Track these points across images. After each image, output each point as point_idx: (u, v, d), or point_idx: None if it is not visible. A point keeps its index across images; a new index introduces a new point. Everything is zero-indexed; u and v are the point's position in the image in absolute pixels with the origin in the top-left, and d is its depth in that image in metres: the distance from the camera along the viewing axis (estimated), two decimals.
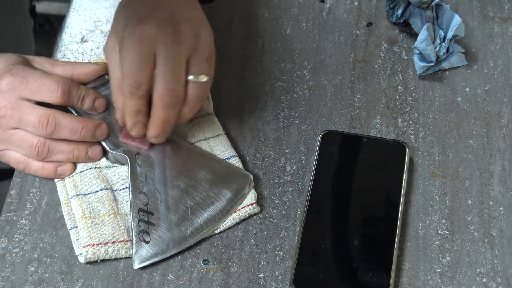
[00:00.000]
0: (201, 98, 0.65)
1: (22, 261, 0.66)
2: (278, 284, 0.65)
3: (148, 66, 0.62)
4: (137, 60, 0.61)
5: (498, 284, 0.64)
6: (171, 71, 0.62)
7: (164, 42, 0.61)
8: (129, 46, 0.62)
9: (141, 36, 0.61)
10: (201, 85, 0.63)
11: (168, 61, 0.62)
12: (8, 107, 0.65)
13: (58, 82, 0.66)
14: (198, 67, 0.63)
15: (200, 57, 0.63)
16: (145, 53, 0.61)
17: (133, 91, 0.62)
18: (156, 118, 0.64)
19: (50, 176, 0.69)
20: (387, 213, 0.67)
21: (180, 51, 0.62)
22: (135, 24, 0.62)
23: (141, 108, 0.64)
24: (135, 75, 0.62)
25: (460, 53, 0.78)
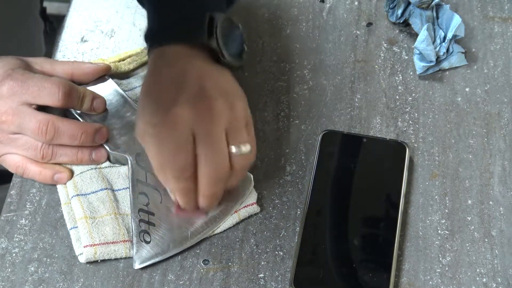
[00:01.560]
0: (246, 166, 0.63)
1: (22, 261, 0.66)
2: (278, 284, 0.65)
3: (188, 150, 0.59)
4: (176, 146, 0.59)
5: (498, 284, 0.64)
6: (212, 149, 0.60)
7: (199, 122, 0.59)
8: (165, 132, 0.60)
9: (175, 120, 0.59)
10: (243, 156, 0.61)
11: (207, 140, 0.59)
12: (9, 112, 0.66)
13: (58, 84, 0.66)
14: (238, 138, 0.61)
15: (237, 127, 0.61)
16: (182, 137, 0.59)
17: (178, 176, 0.60)
18: (204, 193, 0.61)
19: (47, 182, 0.69)
20: (387, 213, 0.67)
21: (217, 127, 0.60)
22: (166, 109, 0.60)
23: (189, 189, 0.61)
24: (177, 161, 0.60)
25: (460, 53, 0.78)
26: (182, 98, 0.60)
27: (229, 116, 0.61)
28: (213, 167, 0.60)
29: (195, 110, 0.60)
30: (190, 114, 0.60)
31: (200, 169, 0.60)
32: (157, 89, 0.63)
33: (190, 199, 0.62)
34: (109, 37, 0.81)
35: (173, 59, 0.64)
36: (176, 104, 0.60)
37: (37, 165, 0.68)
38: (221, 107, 0.60)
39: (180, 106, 0.60)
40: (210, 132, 0.60)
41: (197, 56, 0.65)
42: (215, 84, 0.62)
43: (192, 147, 0.60)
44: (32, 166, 0.68)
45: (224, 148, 0.60)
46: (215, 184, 0.61)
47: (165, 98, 0.61)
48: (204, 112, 0.60)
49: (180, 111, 0.60)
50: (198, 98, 0.60)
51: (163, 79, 0.63)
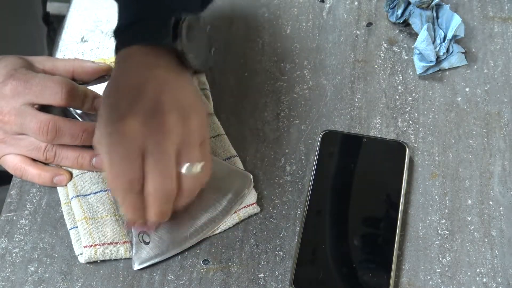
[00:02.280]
0: (196, 188, 0.61)
1: (22, 261, 0.66)
2: (278, 284, 0.65)
3: (137, 164, 0.57)
4: (124, 158, 0.57)
5: (498, 284, 0.64)
6: (159, 167, 0.57)
7: (149, 137, 0.57)
8: (114, 144, 0.58)
9: (125, 132, 0.57)
10: (194, 177, 0.59)
11: (155, 156, 0.57)
12: (12, 113, 0.66)
13: (61, 84, 0.66)
14: (189, 156, 0.59)
15: (190, 145, 0.59)
16: (131, 151, 0.57)
17: (126, 190, 0.58)
18: (152, 212, 0.59)
19: (46, 184, 0.69)
20: (387, 213, 0.67)
21: (167, 144, 0.58)
22: (117, 120, 0.58)
23: (137, 205, 0.59)
24: (124, 175, 0.57)
25: (460, 53, 0.78)
26: (135, 111, 0.58)
27: (182, 133, 0.58)
28: (159, 186, 0.58)
29: (146, 124, 0.57)
30: (141, 128, 0.57)
31: (146, 186, 0.58)
32: (114, 96, 0.61)
33: (136, 214, 0.59)
34: (109, 37, 0.81)
35: (134, 65, 0.62)
36: (128, 116, 0.58)
37: (36, 167, 0.68)
38: (174, 123, 0.58)
39: (131, 119, 0.57)
40: (159, 149, 0.57)
41: (161, 62, 0.62)
42: (173, 98, 0.60)
43: (140, 162, 0.57)
44: (31, 169, 0.68)
45: (172, 166, 0.58)
46: (161, 203, 0.59)
47: (120, 108, 0.59)
48: (155, 127, 0.58)
49: (131, 124, 0.57)
50: (151, 112, 0.58)
51: (121, 87, 0.61)
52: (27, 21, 0.97)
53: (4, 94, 0.66)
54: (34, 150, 0.68)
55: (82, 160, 0.68)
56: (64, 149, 0.68)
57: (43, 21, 1.01)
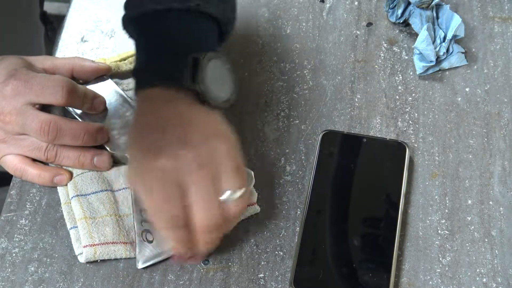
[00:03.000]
0: (240, 212, 0.60)
1: (22, 261, 0.66)
2: (278, 284, 0.65)
3: (177, 198, 0.58)
4: (164, 197, 0.58)
5: (498, 284, 0.64)
6: (201, 199, 0.58)
7: (186, 171, 0.58)
8: (152, 182, 0.58)
9: (161, 171, 0.58)
10: (236, 202, 0.59)
11: (195, 189, 0.58)
12: (13, 113, 0.66)
13: (61, 83, 0.66)
14: (229, 183, 0.59)
15: (228, 172, 0.59)
16: (170, 187, 0.58)
17: (169, 225, 0.58)
18: (200, 242, 0.59)
19: (46, 184, 0.69)
20: (387, 213, 0.67)
21: (205, 175, 0.58)
22: (151, 159, 0.58)
23: (183, 238, 0.59)
24: (167, 211, 0.58)
25: (460, 53, 0.78)
26: (167, 149, 0.59)
27: (218, 162, 0.59)
28: (205, 217, 0.58)
29: (179, 160, 0.58)
30: (175, 164, 0.58)
31: (193, 220, 0.58)
32: (141, 136, 0.61)
33: (184, 248, 0.60)
34: (109, 37, 0.81)
35: (156, 104, 0.62)
36: (161, 155, 0.58)
37: (36, 167, 0.68)
38: (208, 155, 0.58)
39: (163, 158, 0.58)
40: (197, 182, 0.58)
41: (182, 100, 0.63)
42: (198, 129, 0.60)
43: (181, 197, 0.58)
44: (31, 169, 0.68)
45: (214, 196, 0.58)
46: (210, 233, 0.59)
47: (149, 147, 0.60)
48: (190, 162, 0.58)
49: (164, 163, 0.58)
50: (183, 148, 0.58)
51: (146, 127, 0.61)
52: (24, 20, 0.97)
53: (5, 94, 0.66)
54: (35, 150, 0.68)
55: (83, 159, 0.68)
56: (65, 149, 0.68)
57: (41, 21, 1.01)
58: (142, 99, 0.64)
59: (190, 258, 0.62)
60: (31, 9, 0.99)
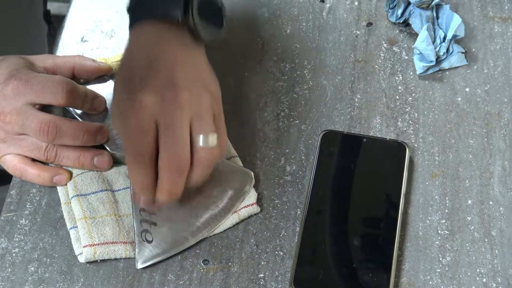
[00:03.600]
0: (210, 162, 0.60)
1: (22, 261, 0.66)
2: (278, 284, 0.65)
3: (149, 135, 0.58)
4: (137, 129, 0.58)
5: (498, 284, 0.64)
6: (172, 136, 0.58)
7: (163, 109, 0.59)
8: (129, 115, 0.59)
9: (139, 105, 0.59)
10: (207, 149, 0.59)
11: (168, 127, 0.58)
12: (13, 113, 0.66)
13: (61, 83, 0.66)
14: (203, 129, 0.59)
15: (204, 118, 0.60)
16: (144, 122, 0.58)
17: (136, 161, 0.59)
18: (162, 186, 0.59)
19: (46, 184, 0.69)
20: (387, 213, 0.67)
21: (180, 117, 0.59)
22: (133, 93, 0.59)
23: (146, 180, 0.59)
24: (135, 144, 0.59)
25: (460, 53, 0.78)
26: (149, 85, 0.59)
27: (195, 107, 0.59)
28: (172, 156, 0.58)
29: (160, 99, 0.59)
30: (154, 101, 0.59)
31: (159, 159, 0.59)
32: (128, 72, 0.62)
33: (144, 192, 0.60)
34: (109, 37, 0.81)
35: (148, 41, 0.63)
36: (143, 92, 0.59)
37: (35, 167, 0.68)
38: (186, 98, 0.59)
39: (145, 94, 0.59)
40: (172, 121, 0.58)
41: (173, 37, 0.63)
42: (185, 73, 0.61)
43: (153, 134, 0.59)
44: (31, 169, 0.68)
45: (185, 137, 0.59)
46: (174, 176, 0.59)
47: (134, 83, 0.60)
48: (168, 101, 0.59)
49: (145, 99, 0.59)
50: (164, 87, 0.59)
51: (135, 63, 0.62)
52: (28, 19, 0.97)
53: (5, 94, 0.66)
54: (35, 150, 0.68)
55: (83, 159, 0.68)
56: (65, 149, 0.68)
57: (44, 19, 1.01)
58: (134, 35, 0.65)
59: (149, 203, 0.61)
60: (34, 8, 0.99)
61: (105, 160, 0.69)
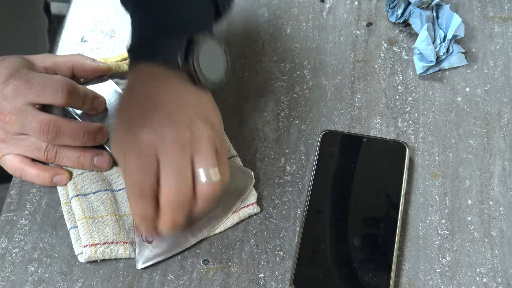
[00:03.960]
0: (211, 195, 0.60)
1: (22, 261, 0.66)
2: (278, 284, 0.65)
3: (150, 170, 0.58)
4: (138, 165, 0.59)
5: (498, 284, 0.64)
6: (173, 173, 0.58)
7: (164, 146, 0.59)
8: (130, 153, 0.59)
9: (140, 142, 0.59)
10: (209, 183, 0.59)
11: (170, 164, 0.58)
12: (13, 113, 0.66)
13: (61, 83, 0.66)
14: (204, 163, 0.59)
15: (205, 153, 0.60)
16: (145, 158, 0.58)
17: (136, 195, 0.59)
18: (164, 218, 0.59)
19: (46, 184, 0.69)
20: (387, 213, 0.67)
21: (182, 153, 0.59)
22: (134, 132, 0.59)
23: (146, 213, 0.59)
24: (137, 180, 0.59)
25: (460, 53, 0.78)
26: (149, 124, 0.59)
27: (196, 144, 0.59)
28: (173, 190, 0.58)
29: (160, 136, 0.59)
30: (155, 138, 0.59)
31: (160, 191, 0.58)
32: (129, 109, 0.62)
33: (146, 224, 0.60)
34: (109, 37, 0.81)
35: (147, 79, 0.63)
36: (143, 129, 0.59)
37: (35, 167, 0.68)
38: (188, 137, 0.59)
39: (145, 132, 0.59)
40: (173, 158, 0.58)
41: (174, 77, 0.63)
42: (186, 110, 0.61)
43: (154, 170, 0.58)
44: (30, 169, 0.68)
45: (186, 173, 0.59)
46: (175, 209, 0.59)
47: (134, 121, 0.60)
48: (169, 142, 0.59)
49: (145, 135, 0.59)
50: (165, 124, 0.59)
51: (135, 101, 0.62)
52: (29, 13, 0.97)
53: (5, 94, 0.66)
54: (35, 150, 0.68)
55: (83, 159, 0.68)
56: (65, 149, 0.68)
57: (45, 12, 1.01)
58: (134, 73, 0.65)
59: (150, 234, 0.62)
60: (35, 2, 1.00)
61: (105, 160, 0.69)
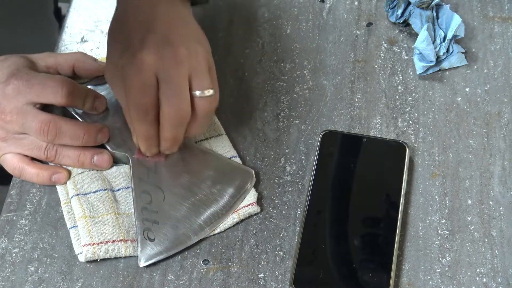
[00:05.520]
0: (208, 112, 0.64)
1: (22, 261, 0.66)
2: (278, 284, 0.65)
3: (152, 92, 0.62)
4: (140, 87, 0.61)
5: (498, 284, 0.64)
6: (174, 90, 0.62)
7: (164, 66, 0.62)
8: (131, 74, 0.62)
9: (141, 64, 0.61)
10: (206, 99, 0.63)
11: (170, 82, 0.61)
12: (14, 112, 0.66)
13: (61, 83, 0.66)
14: (201, 82, 0.63)
15: (200, 72, 0.63)
16: (147, 80, 0.61)
17: (141, 118, 0.62)
18: (165, 137, 0.64)
19: (45, 183, 0.69)
20: (387, 213, 0.67)
21: (181, 71, 0.62)
22: (132, 52, 0.62)
23: (151, 133, 0.63)
24: (140, 102, 0.62)
25: (460, 53, 0.78)
26: (148, 44, 0.62)
27: (192, 62, 0.63)
28: (174, 108, 0.62)
29: (160, 56, 0.62)
30: (155, 59, 0.61)
31: (161, 111, 0.62)
32: (124, 30, 0.65)
33: (150, 144, 0.64)
34: None
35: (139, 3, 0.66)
36: (142, 49, 0.62)
37: (34, 166, 0.68)
38: (185, 54, 0.62)
39: (146, 51, 0.62)
40: (173, 76, 0.62)
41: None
42: (179, 31, 0.65)
43: (155, 91, 0.62)
44: (29, 168, 0.68)
45: (186, 90, 0.62)
46: (176, 127, 0.63)
47: (131, 41, 0.63)
48: (168, 59, 0.62)
49: (146, 56, 0.61)
50: (163, 45, 0.62)
51: (130, 22, 0.65)
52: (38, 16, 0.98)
53: (6, 94, 0.66)
54: (35, 149, 0.68)
55: (83, 158, 0.68)
56: (65, 148, 0.68)
57: (54, 16, 1.01)
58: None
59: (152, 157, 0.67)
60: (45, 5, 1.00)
61: (105, 159, 0.69)
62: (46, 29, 1.00)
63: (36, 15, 0.97)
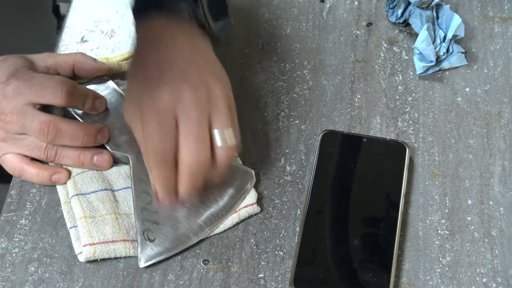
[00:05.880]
0: (228, 159, 0.62)
1: (22, 261, 0.66)
2: (278, 284, 0.65)
3: (171, 136, 0.59)
4: (159, 130, 0.59)
5: (498, 284, 0.64)
6: (192, 134, 0.59)
7: (183, 108, 0.60)
8: (149, 116, 0.60)
9: (158, 105, 0.59)
10: (226, 148, 0.61)
11: (188, 126, 0.59)
12: (14, 112, 0.66)
13: (61, 83, 0.66)
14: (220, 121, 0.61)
15: (220, 110, 0.61)
16: (165, 123, 0.59)
17: (159, 161, 0.60)
18: (183, 181, 0.61)
19: (45, 183, 0.69)
20: (387, 213, 0.67)
21: (201, 114, 0.60)
22: (150, 93, 0.60)
23: (168, 177, 0.60)
24: (158, 146, 0.60)
25: (460, 53, 0.78)
26: (166, 85, 0.60)
27: (213, 102, 0.61)
28: (193, 153, 0.59)
29: (178, 98, 0.60)
30: (173, 99, 0.60)
31: (180, 155, 0.60)
32: (142, 70, 0.63)
33: (168, 189, 0.61)
34: (109, 37, 0.81)
35: (156, 37, 0.64)
36: (160, 91, 0.60)
37: (34, 166, 0.68)
38: (204, 94, 0.61)
39: (163, 93, 0.60)
40: (192, 120, 0.60)
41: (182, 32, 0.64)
42: (199, 68, 0.63)
43: (174, 133, 0.60)
44: (29, 168, 0.68)
45: (206, 134, 0.60)
46: (195, 172, 0.60)
47: (149, 80, 0.61)
48: (187, 100, 0.60)
49: (163, 97, 0.60)
50: (182, 85, 0.60)
51: (148, 61, 0.63)
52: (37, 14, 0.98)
53: (6, 94, 0.66)
54: (35, 149, 0.68)
55: (83, 158, 0.68)
56: (65, 148, 0.68)
57: (53, 14, 1.01)
58: (142, 31, 0.65)
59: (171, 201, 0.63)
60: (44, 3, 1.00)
61: (105, 159, 0.69)
62: (44, 27, 1.00)
63: (34, 13, 0.97)
